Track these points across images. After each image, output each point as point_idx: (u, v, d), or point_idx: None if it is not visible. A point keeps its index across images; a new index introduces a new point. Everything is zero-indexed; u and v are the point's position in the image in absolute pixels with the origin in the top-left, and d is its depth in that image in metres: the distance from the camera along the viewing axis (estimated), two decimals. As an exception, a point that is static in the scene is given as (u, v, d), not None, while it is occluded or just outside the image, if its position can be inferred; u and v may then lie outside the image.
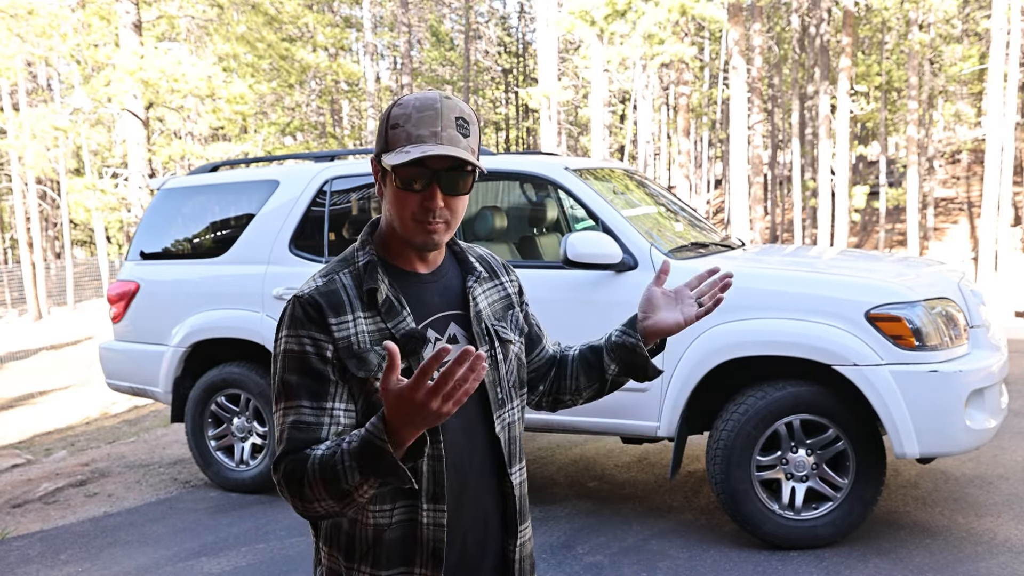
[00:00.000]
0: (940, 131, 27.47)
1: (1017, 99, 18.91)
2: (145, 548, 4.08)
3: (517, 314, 1.49)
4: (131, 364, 5.02)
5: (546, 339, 1.59)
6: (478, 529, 1.37)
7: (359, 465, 1.14)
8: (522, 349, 1.48)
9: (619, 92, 30.25)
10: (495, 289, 1.47)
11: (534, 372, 1.56)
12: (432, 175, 1.28)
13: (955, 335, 3.38)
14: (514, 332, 1.46)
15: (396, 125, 1.29)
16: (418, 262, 1.38)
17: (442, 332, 1.37)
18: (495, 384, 1.39)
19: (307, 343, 1.29)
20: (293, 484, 1.22)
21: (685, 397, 3.59)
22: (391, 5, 29.78)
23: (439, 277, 1.40)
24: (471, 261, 1.45)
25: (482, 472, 1.37)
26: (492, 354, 1.39)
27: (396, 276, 1.37)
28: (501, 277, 1.50)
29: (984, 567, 3.26)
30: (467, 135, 1.31)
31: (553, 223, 4.55)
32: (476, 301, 1.41)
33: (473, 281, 1.43)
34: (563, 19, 15.61)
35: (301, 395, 1.28)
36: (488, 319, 1.41)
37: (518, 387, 1.45)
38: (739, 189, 16.55)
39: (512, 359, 1.44)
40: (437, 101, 1.29)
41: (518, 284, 1.55)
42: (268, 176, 4.81)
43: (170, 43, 14.67)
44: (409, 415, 1.09)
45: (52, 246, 33.45)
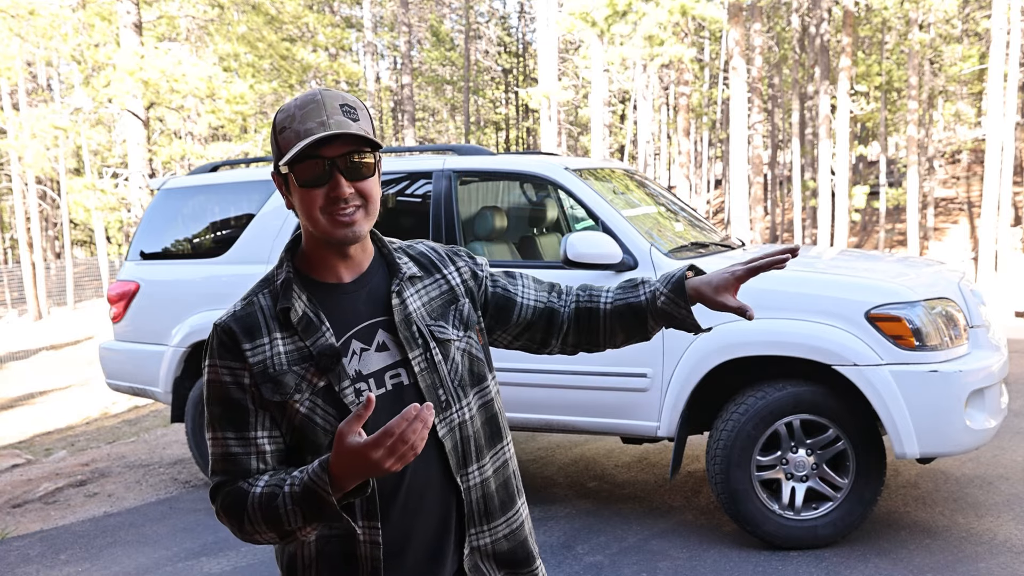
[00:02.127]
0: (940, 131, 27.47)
1: (1017, 99, 18.91)
2: (145, 548, 4.08)
3: (463, 306, 1.41)
4: (131, 364, 5.02)
5: (524, 295, 1.49)
6: (430, 538, 1.32)
7: (302, 511, 1.16)
8: (471, 343, 1.40)
9: (619, 92, 30.26)
10: (433, 285, 1.40)
11: (525, 332, 1.49)
12: (330, 164, 1.24)
13: (955, 335, 3.38)
14: (458, 328, 1.39)
15: (284, 128, 1.26)
16: (342, 270, 1.34)
17: (369, 341, 1.32)
18: (435, 387, 1.33)
19: (224, 372, 1.28)
20: (233, 517, 1.24)
21: (685, 397, 3.59)
22: (391, 5, 29.78)
23: (364, 284, 1.35)
24: (398, 262, 1.39)
25: (428, 480, 1.32)
26: (427, 356, 1.34)
27: (316, 290, 1.33)
28: (444, 270, 1.43)
29: (984, 567, 3.26)
30: (356, 119, 1.27)
31: (553, 223, 4.55)
32: (405, 304, 1.35)
33: (399, 283, 1.36)
34: (563, 19, 15.61)
35: (225, 427, 1.28)
36: (420, 320, 1.35)
37: (470, 384, 1.39)
38: (739, 189, 16.54)
39: (456, 357, 1.37)
40: (317, 94, 1.27)
41: (468, 268, 1.46)
42: (268, 176, 4.81)
43: (170, 43, 14.67)
44: (358, 469, 1.10)
45: (52, 246, 33.46)
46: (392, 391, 1.31)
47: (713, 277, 1.42)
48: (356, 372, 1.30)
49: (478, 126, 38.92)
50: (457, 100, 37.47)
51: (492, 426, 1.41)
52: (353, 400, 1.28)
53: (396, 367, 1.32)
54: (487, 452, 1.38)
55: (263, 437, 1.28)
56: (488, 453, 1.39)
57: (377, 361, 1.31)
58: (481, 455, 1.37)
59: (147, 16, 14.46)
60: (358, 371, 1.30)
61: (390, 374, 1.32)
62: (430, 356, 1.34)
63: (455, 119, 39.94)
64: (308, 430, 1.28)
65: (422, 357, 1.33)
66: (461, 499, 1.34)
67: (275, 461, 1.29)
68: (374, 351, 1.32)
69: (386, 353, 1.32)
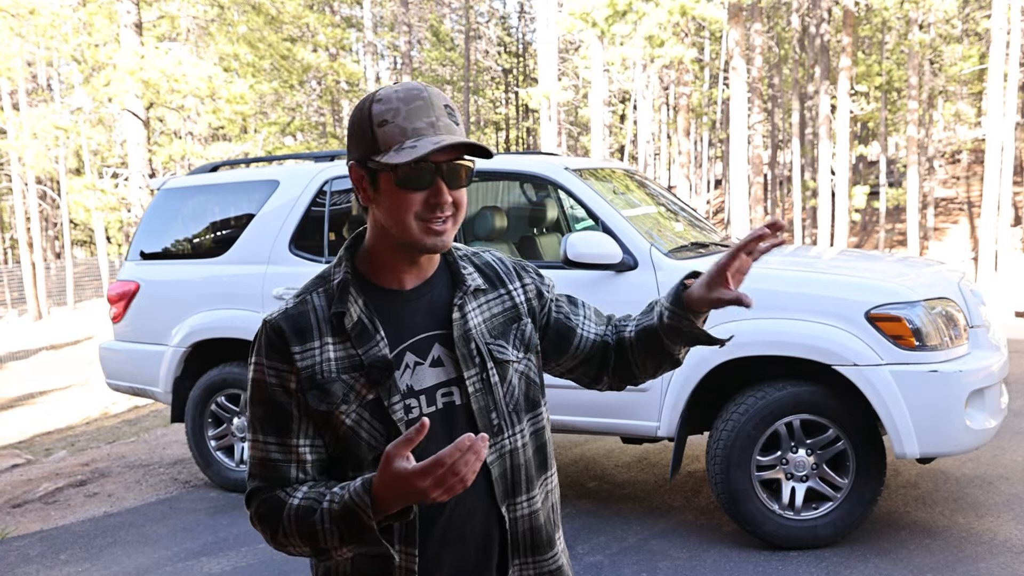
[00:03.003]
0: (940, 131, 27.47)
1: (1017, 99, 18.91)
2: (145, 548, 4.08)
3: (525, 326, 1.33)
4: (131, 364, 5.02)
5: (584, 326, 1.41)
6: (469, 567, 1.25)
7: (339, 531, 1.12)
8: (531, 366, 1.33)
9: (619, 92, 30.26)
10: (497, 301, 1.32)
11: (580, 366, 1.42)
12: (435, 169, 1.17)
13: (955, 335, 3.38)
14: (518, 349, 1.31)
15: (385, 122, 1.17)
16: (405, 276, 1.26)
17: (424, 355, 1.24)
18: (487, 410, 1.25)
19: (270, 373, 1.22)
20: (267, 526, 1.20)
21: (685, 397, 3.59)
22: (391, 5, 29.78)
23: (425, 293, 1.27)
24: (463, 272, 1.30)
25: (473, 507, 1.24)
26: (483, 377, 1.26)
27: (374, 295, 1.25)
28: (509, 285, 1.34)
29: (984, 567, 3.26)
30: (458, 124, 1.21)
31: (553, 223, 4.55)
32: (465, 318, 1.26)
33: (462, 296, 1.28)
34: (563, 19, 15.61)
35: (267, 431, 1.23)
36: (480, 337, 1.27)
37: (525, 409, 1.31)
38: (739, 189, 16.54)
39: (513, 380, 1.29)
40: (424, 90, 1.20)
41: (535, 286, 1.38)
42: (268, 176, 4.81)
43: (171, 43, 14.67)
44: (402, 495, 1.05)
45: (52, 246, 33.46)
46: (442, 410, 1.24)
47: (704, 276, 1.32)
48: (407, 387, 1.23)
49: (478, 126, 38.92)
50: (457, 100, 37.47)
51: (541, 455, 1.34)
52: (402, 417, 1.21)
53: (449, 385, 1.25)
54: (536, 483, 1.31)
55: (305, 445, 1.22)
56: (537, 484, 1.31)
57: (430, 377, 1.24)
58: (531, 486, 1.29)
59: (147, 16, 14.47)
60: (409, 386, 1.23)
61: (442, 392, 1.25)
62: (486, 377, 1.26)
63: (455, 119, 39.91)
64: (352, 443, 1.22)
65: (477, 377, 1.25)
66: (505, 529, 1.27)
67: (316, 471, 1.24)
68: (428, 366, 1.24)
69: (440, 369, 1.25)
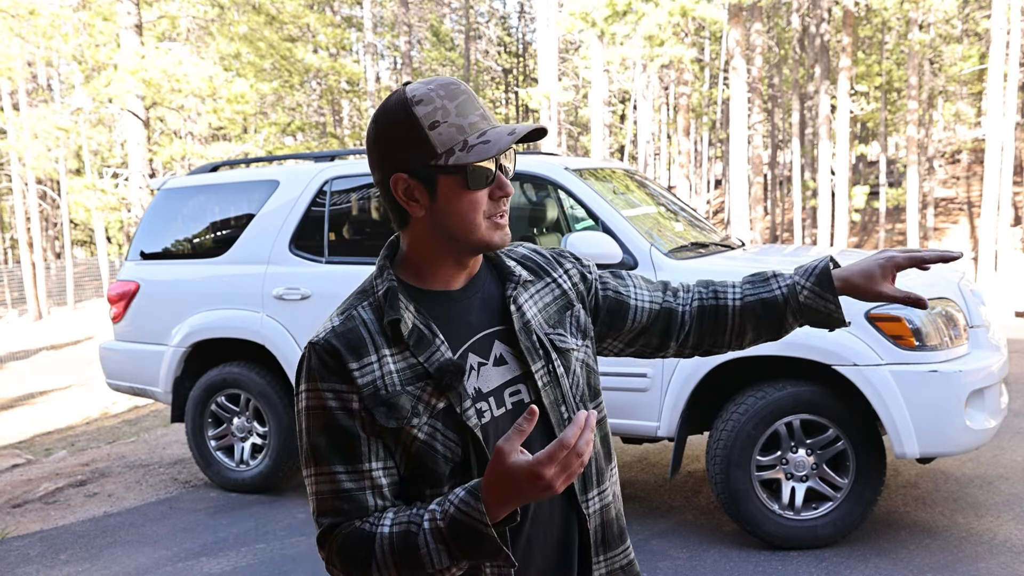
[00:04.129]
0: (940, 131, 27.47)
1: (1017, 99, 18.91)
2: (145, 548, 4.08)
3: (578, 312, 1.29)
4: (131, 364, 5.02)
5: (638, 296, 1.34)
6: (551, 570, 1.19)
7: (448, 548, 1.03)
8: (589, 353, 1.28)
9: (619, 92, 30.26)
10: (546, 290, 1.27)
11: (641, 336, 1.35)
12: (495, 162, 1.13)
13: (955, 335, 3.38)
14: (576, 336, 1.26)
15: (436, 123, 1.10)
16: (453, 277, 1.20)
17: (486, 355, 1.18)
18: (557, 404, 1.20)
19: (329, 397, 1.12)
20: (354, 563, 1.09)
21: (685, 397, 3.59)
22: (392, 5, 29.78)
23: (475, 291, 1.22)
24: (508, 264, 1.25)
25: (552, 509, 1.19)
26: (550, 369, 1.20)
27: (423, 300, 1.18)
28: (553, 273, 1.30)
29: (984, 567, 3.26)
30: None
31: (553, 223, 4.55)
32: (522, 311, 1.21)
33: (513, 288, 1.22)
34: (563, 19, 15.61)
35: (333, 460, 1.12)
36: (540, 328, 1.22)
37: (589, 399, 1.26)
38: (739, 189, 16.54)
39: (577, 369, 1.24)
40: (458, 84, 1.15)
41: (576, 270, 1.32)
42: (268, 176, 4.81)
43: (171, 43, 14.68)
44: (522, 492, 0.98)
45: (52, 246, 33.46)
46: (512, 411, 1.18)
47: (866, 266, 1.28)
48: (476, 390, 1.16)
49: (478, 126, 38.88)
50: (457, 100, 37.40)
51: (607, 446, 1.29)
52: (476, 422, 1.14)
53: (516, 383, 1.19)
54: (606, 474, 1.26)
55: (378, 469, 1.13)
56: (607, 475, 1.27)
57: (496, 377, 1.18)
58: (602, 479, 1.25)
59: (148, 16, 14.48)
60: (477, 389, 1.16)
61: (510, 391, 1.18)
62: (553, 368, 1.20)
63: (455, 119, 39.93)
64: (427, 458, 1.13)
65: (545, 370, 1.20)
66: (584, 527, 1.21)
67: (392, 495, 1.14)
68: (492, 365, 1.18)
69: (505, 367, 1.19)
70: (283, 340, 4.45)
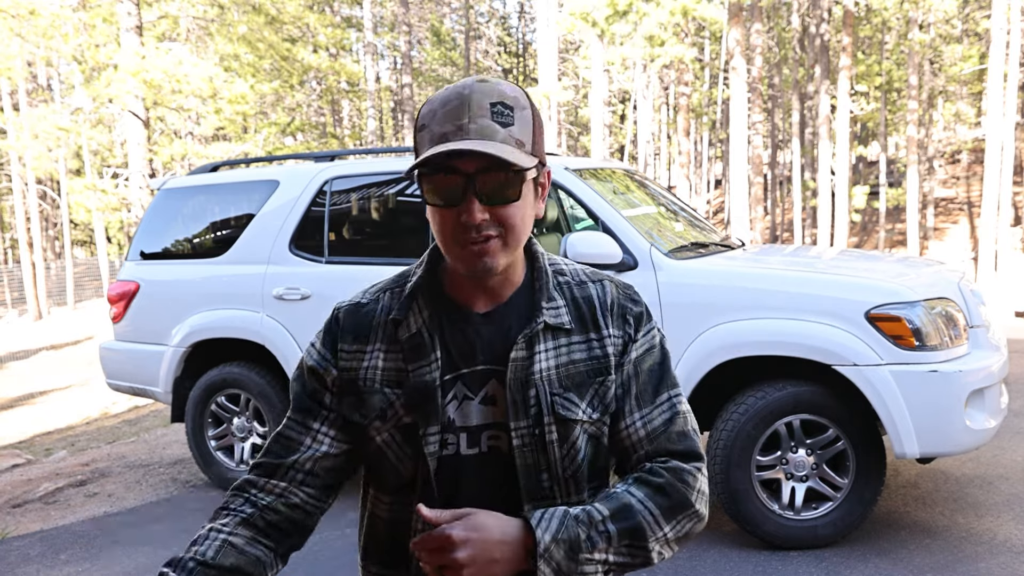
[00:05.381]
0: (940, 131, 27.47)
1: (1017, 99, 18.91)
2: (145, 548, 4.08)
3: (610, 384, 1.11)
4: (131, 364, 5.02)
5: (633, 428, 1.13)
6: None
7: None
8: (604, 431, 1.13)
9: (619, 92, 30.26)
10: (583, 347, 1.11)
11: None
12: (465, 181, 1.01)
13: (955, 335, 3.38)
14: (594, 408, 1.10)
15: (423, 127, 1.05)
16: (474, 298, 1.11)
17: (476, 389, 1.10)
18: (536, 469, 1.08)
19: (315, 358, 1.16)
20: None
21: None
22: (392, 5, 29.78)
23: (501, 318, 1.11)
24: (543, 305, 1.11)
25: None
26: (535, 432, 1.08)
27: (445, 309, 1.12)
28: (604, 330, 1.13)
29: (984, 567, 3.26)
30: (508, 123, 1.02)
31: (553, 223, 4.55)
32: (532, 360, 1.08)
33: (530, 333, 1.09)
34: (563, 19, 15.61)
35: (293, 407, 1.17)
36: (545, 385, 1.08)
37: (587, 478, 1.12)
38: (739, 189, 16.54)
39: (580, 442, 1.10)
40: (467, 88, 1.03)
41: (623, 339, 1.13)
42: (268, 176, 4.81)
43: (171, 43, 14.68)
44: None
45: (52, 246, 33.46)
46: (487, 454, 1.10)
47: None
48: (449, 420, 1.10)
49: (478, 126, 38.89)
50: (457, 100, 37.41)
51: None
52: (435, 451, 1.08)
53: (498, 428, 1.10)
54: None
55: (325, 434, 1.14)
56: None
57: (478, 415, 1.10)
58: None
59: (148, 16, 14.48)
60: (452, 419, 1.10)
61: (489, 434, 1.10)
62: (540, 433, 1.08)
63: (455, 119, 39.94)
64: (378, 463, 1.13)
65: (528, 431, 1.08)
66: None
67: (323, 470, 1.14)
68: (478, 402, 1.10)
69: (491, 408, 1.10)
70: (283, 340, 4.45)
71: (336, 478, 1.17)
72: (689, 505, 1.09)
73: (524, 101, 1.05)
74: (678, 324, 3.58)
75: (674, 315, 3.60)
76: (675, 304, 3.61)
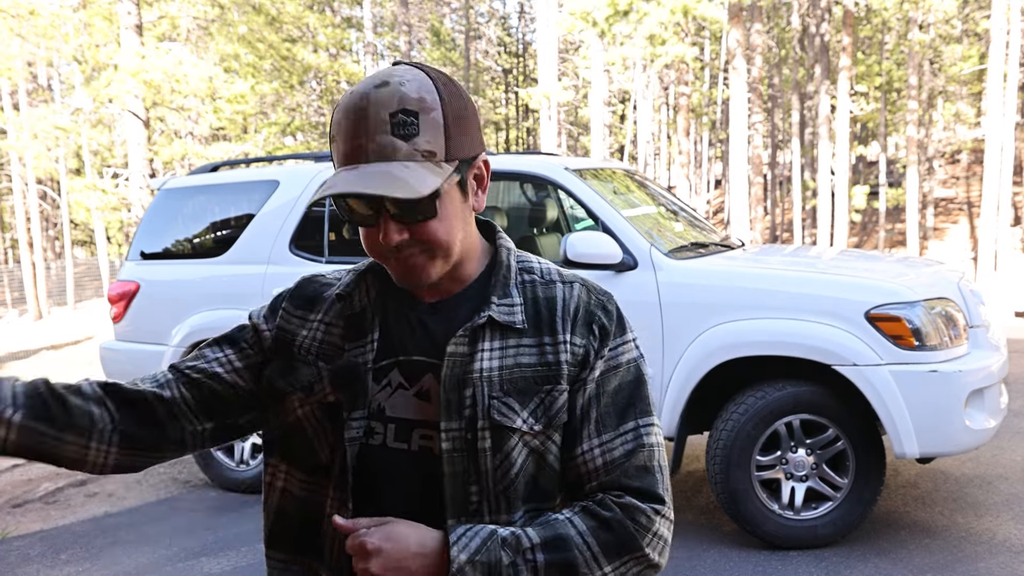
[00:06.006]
0: (940, 131, 27.47)
1: (1017, 99, 18.91)
2: (145, 548, 4.08)
3: (558, 394, 1.01)
4: (131, 364, 5.02)
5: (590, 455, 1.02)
6: None
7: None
8: (550, 446, 1.02)
9: (619, 92, 30.26)
10: (534, 350, 1.02)
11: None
12: (378, 203, 0.94)
13: (955, 335, 3.38)
14: (536, 418, 1.00)
15: (333, 138, 0.98)
16: (420, 292, 1.06)
17: (413, 381, 1.02)
18: (464, 480, 0.98)
19: (258, 311, 1.15)
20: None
21: (685, 397, 3.59)
22: (391, 5, 29.79)
23: (446, 310, 1.04)
24: (493, 300, 1.02)
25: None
26: (467, 437, 0.98)
27: (396, 295, 1.06)
28: (559, 335, 1.02)
29: (984, 567, 3.26)
30: (412, 134, 0.93)
31: (553, 223, 4.55)
32: (472, 358, 1.00)
33: (471, 328, 1.01)
34: (563, 19, 15.61)
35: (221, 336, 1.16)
36: (483, 385, 0.99)
37: (522, 496, 1.01)
38: (739, 189, 16.54)
39: (516, 454, 0.99)
40: (364, 96, 0.94)
41: (585, 350, 1.02)
42: (268, 176, 4.82)
43: (171, 43, 14.69)
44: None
45: (52, 246, 33.47)
46: (416, 453, 1.01)
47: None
48: (378, 407, 1.02)
49: (478, 126, 38.89)
50: (457, 100, 37.41)
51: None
52: (356, 436, 1.01)
53: (430, 428, 1.01)
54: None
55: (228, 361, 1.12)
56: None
57: (410, 409, 1.02)
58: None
59: (148, 16, 14.48)
60: (381, 407, 1.02)
61: (420, 432, 1.01)
62: (472, 438, 0.98)
63: (455, 119, 39.92)
64: (296, 437, 1.07)
65: (459, 435, 0.99)
66: None
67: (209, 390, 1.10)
68: (412, 395, 1.02)
69: (425, 405, 1.01)
70: (283, 340, 4.45)
71: (217, 407, 1.10)
72: (637, 548, 0.98)
73: (432, 98, 0.95)
74: (678, 324, 3.59)
75: (674, 315, 3.60)
76: (675, 304, 3.61)
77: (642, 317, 3.64)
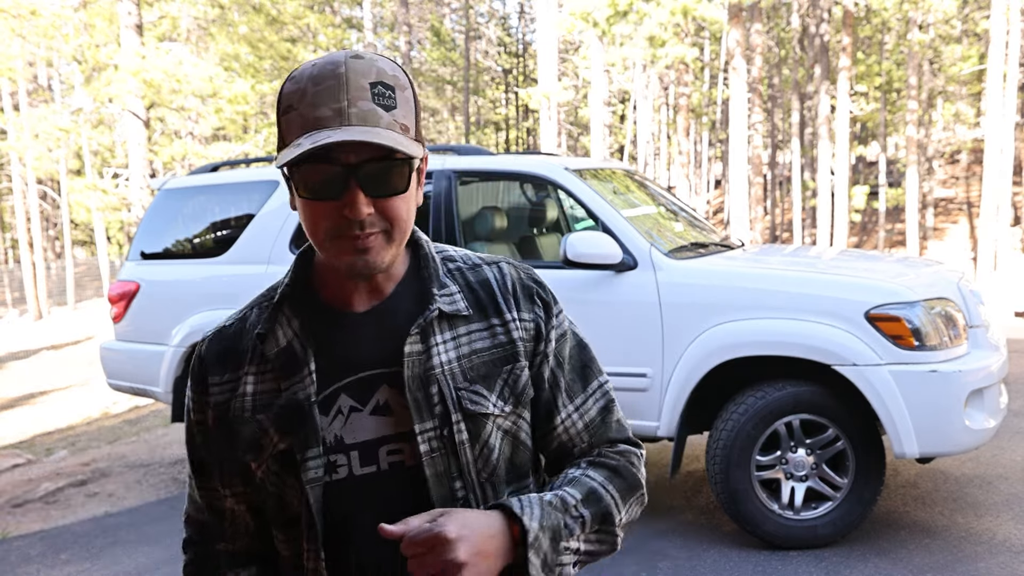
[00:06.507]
0: (940, 131, 27.47)
1: (1016, 99, 18.92)
2: (145, 548, 4.08)
3: (520, 371, 1.01)
4: (132, 364, 5.03)
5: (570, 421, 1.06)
6: None
7: None
8: (521, 424, 1.03)
9: (619, 92, 30.26)
10: (484, 334, 1.01)
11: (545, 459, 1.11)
12: (346, 172, 0.89)
13: (954, 335, 3.38)
14: (505, 400, 1.00)
15: (289, 108, 0.91)
16: (353, 294, 0.99)
17: (364, 400, 0.97)
18: (448, 476, 0.97)
19: (191, 404, 1.04)
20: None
21: (685, 397, 3.59)
22: (391, 5, 29.80)
23: (382, 315, 0.99)
24: (434, 292, 1.00)
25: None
26: (443, 434, 0.96)
27: (317, 316, 1.00)
28: (505, 314, 1.02)
29: (984, 567, 3.26)
30: (391, 106, 0.91)
31: (553, 223, 4.55)
32: (429, 354, 0.97)
33: (423, 323, 0.98)
34: (563, 20, 15.61)
35: (191, 465, 1.07)
36: (447, 379, 0.97)
37: (505, 480, 1.01)
38: (739, 189, 16.54)
39: (492, 439, 0.99)
40: (341, 64, 0.90)
41: (534, 323, 1.03)
42: (268, 176, 4.82)
43: (171, 43, 14.69)
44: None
45: (52, 246, 33.48)
46: (388, 472, 0.98)
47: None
48: (335, 439, 0.97)
49: (478, 126, 38.94)
50: (457, 100, 37.49)
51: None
52: (318, 476, 0.96)
53: (397, 440, 0.98)
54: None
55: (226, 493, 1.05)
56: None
57: (370, 429, 0.97)
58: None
59: (148, 16, 14.50)
60: (339, 437, 0.97)
61: (388, 448, 0.98)
62: (448, 434, 0.97)
63: (455, 119, 39.94)
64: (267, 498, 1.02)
65: (435, 434, 0.96)
66: None
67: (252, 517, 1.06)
68: (368, 414, 0.97)
69: (385, 419, 0.97)
70: (283, 340, 4.45)
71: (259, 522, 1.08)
72: (640, 486, 1.07)
73: (404, 80, 0.94)
74: (678, 324, 3.59)
75: (674, 315, 3.60)
76: (675, 304, 3.62)
77: (642, 317, 3.64)
